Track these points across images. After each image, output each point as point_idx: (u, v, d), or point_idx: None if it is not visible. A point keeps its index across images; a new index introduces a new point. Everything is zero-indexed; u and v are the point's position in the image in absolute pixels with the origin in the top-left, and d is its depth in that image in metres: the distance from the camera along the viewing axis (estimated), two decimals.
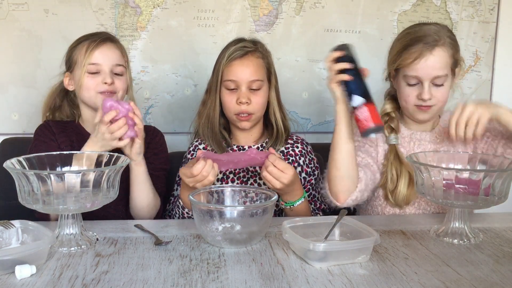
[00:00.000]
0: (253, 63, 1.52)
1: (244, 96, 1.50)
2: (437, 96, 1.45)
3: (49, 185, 1.09)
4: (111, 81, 1.52)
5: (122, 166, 1.19)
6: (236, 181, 1.55)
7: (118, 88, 1.55)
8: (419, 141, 1.54)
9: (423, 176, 1.25)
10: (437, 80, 1.43)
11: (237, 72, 1.50)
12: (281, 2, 2.14)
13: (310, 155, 1.61)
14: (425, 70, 1.42)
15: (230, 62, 1.51)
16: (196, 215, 1.18)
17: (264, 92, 1.55)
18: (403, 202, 1.50)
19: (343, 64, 1.35)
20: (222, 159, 1.34)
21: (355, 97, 1.33)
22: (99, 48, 1.52)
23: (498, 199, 1.21)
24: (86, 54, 1.51)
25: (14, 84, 2.07)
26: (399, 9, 2.21)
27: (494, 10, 2.26)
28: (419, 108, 1.47)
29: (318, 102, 2.24)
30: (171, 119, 2.16)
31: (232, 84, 1.51)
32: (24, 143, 1.85)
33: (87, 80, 1.52)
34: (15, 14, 2.02)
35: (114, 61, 1.54)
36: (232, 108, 1.52)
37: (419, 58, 1.42)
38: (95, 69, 1.52)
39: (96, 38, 1.54)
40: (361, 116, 1.32)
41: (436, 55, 1.42)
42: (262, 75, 1.53)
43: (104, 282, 0.98)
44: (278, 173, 1.32)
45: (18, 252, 1.03)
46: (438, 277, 1.03)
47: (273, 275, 1.02)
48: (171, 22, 2.10)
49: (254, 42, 1.56)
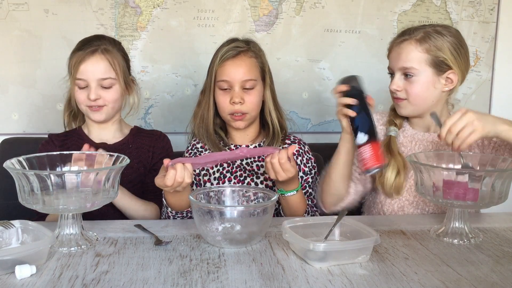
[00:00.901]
0: (246, 62, 1.52)
1: (237, 96, 1.50)
2: (406, 89, 1.47)
3: (49, 185, 1.09)
4: (94, 97, 1.53)
5: (122, 166, 1.19)
6: (233, 180, 1.55)
7: (106, 101, 1.55)
8: (420, 141, 1.54)
9: (423, 176, 1.25)
10: (406, 73, 1.46)
11: (230, 72, 1.51)
12: (281, 2, 2.14)
13: (307, 155, 1.61)
14: (393, 60, 1.50)
15: (223, 62, 1.52)
16: (196, 215, 1.18)
17: (258, 92, 1.55)
18: (393, 190, 1.50)
19: (348, 99, 1.35)
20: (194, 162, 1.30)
21: (359, 135, 1.32)
22: (85, 62, 1.52)
23: (498, 199, 1.21)
24: (74, 67, 1.53)
25: (14, 84, 2.07)
26: (399, 9, 2.21)
27: (494, 10, 2.26)
28: (394, 100, 1.53)
29: (318, 102, 2.24)
30: (171, 119, 2.16)
31: (225, 84, 1.52)
32: (24, 143, 1.86)
33: (77, 94, 1.55)
34: (15, 14, 2.02)
35: (100, 75, 1.53)
36: (226, 108, 1.52)
37: (391, 49, 1.52)
38: (83, 83, 1.54)
39: (86, 49, 1.53)
40: (364, 155, 1.31)
41: (403, 47, 1.47)
42: (256, 75, 1.54)
43: (104, 282, 0.98)
44: (288, 166, 1.33)
45: (18, 252, 1.02)
46: (438, 277, 1.03)
47: (273, 275, 1.02)
48: (171, 22, 2.10)
49: (247, 42, 1.57)
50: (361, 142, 1.32)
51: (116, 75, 1.56)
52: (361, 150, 1.32)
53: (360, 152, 1.33)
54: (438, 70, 1.46)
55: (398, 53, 1.48)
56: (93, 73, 1.53)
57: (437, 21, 2.18)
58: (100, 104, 1.54)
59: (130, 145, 1.63)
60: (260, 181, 1.55)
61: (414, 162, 1.27)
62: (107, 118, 1.59)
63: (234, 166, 1.56)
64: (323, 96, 2.24)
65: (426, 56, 1.44)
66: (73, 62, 1.54)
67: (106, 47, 1.56)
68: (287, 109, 2.19)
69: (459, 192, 1.20)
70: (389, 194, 1.51)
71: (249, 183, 1.55)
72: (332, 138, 2.19)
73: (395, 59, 1.48)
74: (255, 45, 1.58)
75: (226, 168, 1.56)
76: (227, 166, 1.56)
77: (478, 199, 1.20)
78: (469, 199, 1.20)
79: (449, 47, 1.44)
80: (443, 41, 1.45)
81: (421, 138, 1.54)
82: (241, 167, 1.56)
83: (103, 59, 1.54)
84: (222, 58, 1.51)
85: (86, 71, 1.52)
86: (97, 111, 1.56)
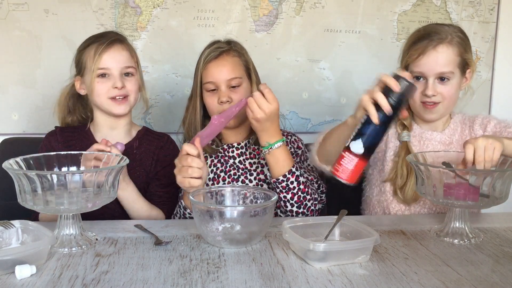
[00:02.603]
0: (229, 61, 1.54)
1: (224, 95, 1.51)
2: (443, 93, 1.47)
3: (50, 185, 1.09)
4: (121, 85, 1.50)
5: (123, 166, 1.19)
6: (228, 180, 1.56)
7: (129, 90, 1.54)
8: (429, 141, 1.55)
9: (423, 176, 1.25)
10: (442, 77, 1.45)
11: (214, 73, 1.52)
12: (281, 2, 2.14)
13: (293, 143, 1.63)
14: (428, 65, 1.45)
15: (206, 64, 1.54)
16: (196, 215, 1.18)
17: (245, 89, 1.56)
18: (412, 199, 1.51)
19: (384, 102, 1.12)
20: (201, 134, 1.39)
21: (358, 143, 1.14)
22: (107, 52, 1.50)
23: (498, 199, 1.21)
24: (95, 58, 1.49)
25: (14, 84, 2.07)
26: (399, 9, 2.21)
27: (494, 10, 2.26)
28: (425, 105, 1.49)
29: (318, 102, 2.24)
30: (171, 119, 2.16)
31: (211, 85, 1.53)
32: (24, 143, 1.86)
33: (98, 86, 1.51)
34: (15, 14, 2.02)
35: (124, 63, 1.52)
36: (215, 108, 1.53)
37: (422, 54, 1.46)
38: (105, 73, 1.51)
39: (104, 40, 1.51)
40: (345, 162, 1.15)
41: (440, 52, 1.45)
42: (240, 73, 1.55)
43: (104, 282, 0.98)
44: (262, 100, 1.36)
45: (18, 252, 1.02)
46: (438, 277, 1.03)
47: (273, 275, 1.02)
48: (171, 22, 2.10)
49: (228, 42, 1.59)
50: (354, 151, 1.14)
51: (135, 65, 1.56)
52: (346, 155, 1.15)
53: (344, 156, 1.15)
54: (462, 70, 1.49)
55: (435, 58, 1.45)
56: (118, 62, 1.51)
57: (437, 21, 2.18)
58: (124, 93, 1.52)
59: (135, 150, 1.60)
60: (254, 177, 1.56)
61: (414, 162, 1.27)
62: (128, 111, 1.57)
63: (227, 165, 1.58)
64: (323, 96, 2.24)
65: (459, 59, 1.47)
66: (90, 54, 1.50)
67: (120, 39, 1.56)
68: (287, 109, 2.20)
69: (460, 192, 1.20)
70: (407, 202, 1.52)
71: (243, 181, 1.55)
72: None
73: (431, 65, 1.45)
74: (236, 44, 1.60)
75: (220, 168, 1.57)
76: (220, 166, 1.58)
77: (478, 199, 1.20)
78: (469, 199, 1.20)
79: (469, 47, 1.50)
80: (466, 42, 1.49)
81: (429, 137, 1.56)
82: (234, 166, 1.57)
83: (124, 49, 1.54)
84: (205, 61, 1.54)
85: (110, 60, 1.50)
86: (122, 103, 1.53)
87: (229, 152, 1.59)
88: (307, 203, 1.45)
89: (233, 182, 1.55)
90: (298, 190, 1.44)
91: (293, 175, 1.44)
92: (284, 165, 1.44)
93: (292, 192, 1.44)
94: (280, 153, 1.43)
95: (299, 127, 2.22)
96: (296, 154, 1.62)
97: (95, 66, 1.49)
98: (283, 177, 1.43)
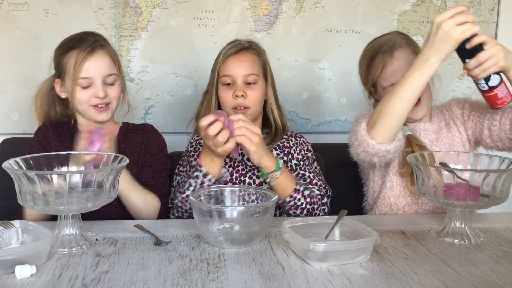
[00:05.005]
0: (248, 58, 1.57)
1: (239, 89, 1.53)
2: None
3: (51, 185, 1.09)
4: (103, 94, 1.48)
5: (123, 165, 1.19)
6: (235, 175, 1.57)
7: (112, 98, 1.52)
8: (424, 131, 1.59)
9: (423, 176, 1.25)
10: None
11: (232, 67, 1.55)
12: (281, 2, 2.14)
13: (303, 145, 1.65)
14: (395, 73, 1.51)
15: (226, 59, 1.56)
16: (196, 215, 1.18)
17: (260, 87, 1.58)
18: None
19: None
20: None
21: (493, 76, 1.33)
22: (89, 60, 1.46)
23: (499, 199, 1.21)
24: (76, 66, 1.45)
25: (14, 84, 2.07)
26: (399, 9, 2.21)
27: (494, 10, 2.26)
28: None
29: (318, 102, 2.24)
30: (171, 119, 2.16)
31: (228, 79, 1.55)
32: (24, 143, 1.85)
33: (79, 94, 1.48)
34: (15, 14, 2.02)
35: (105, 71, 1.49)
36: (229, 102, 1.55)
37: (384, 66, 1.53)
38: (86, 83, 1.47)
39: (85, 47, 1.47)
40: (501, 94, 1.35)
41: (397, 58, 1.53)
42: (257, 71, 1.57)
43: (104, 282, 0.98)
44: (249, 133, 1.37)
45: (18, 252, 1.02)
46: (438, 277, 1.03)
47: (273, 275, 1.02)
48: (171, 22, 2.10)
49: (249, 41, 1.62)
50: (496, 83, 1.34)
51: (117, 70, 1.54)
52: (496, 90, 1.35)
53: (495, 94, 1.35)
54: None
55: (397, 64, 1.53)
56: (99, 70, 1.48)
57: None
58: (107, 101, 1.51)
59: (122, 144, 1.58)
60: (258, 176, 1.56)
61: (414, 162, 1.27)
62: (111, 117, 1.56)
63: (236, 161, 1.59)
64: (323, 96, 2.24)
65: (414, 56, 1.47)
66: (71, 61, 1.47)
67: (101, 43, 1.52)
68: (287, 109, 2.19)
69: (460, 192, 1.20)
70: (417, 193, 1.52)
71: (250, 177, 1.57)
72: (332, 138, 2.19)
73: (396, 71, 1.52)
74: (257, 45, 1.63)
75: (228, 163, 1.58)
76: (229, 161, 1.58)
77: (478, 199, 1.20)
78: (470, 199, 1.20)
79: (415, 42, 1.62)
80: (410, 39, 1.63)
81: (423, 128, 1.59)
82: (242, 162, 1.59)
83: (105, 54, 1.50)
84: (225, 55, 1.56)
85: (92, 69, 1.47)
86: (104, 110, 1.51)
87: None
88: (316, 212, 1.49)
89: (240, 178, 1.56)
90: (306, 204, 1.47)
91: (299, 193, 1.46)
92: (289, 185, 1.45)
93: (301, 208, 1.46)
94: (284, 177, 1.44)
95: (299, 127, 2.22)
96: (306, 157, 1.63)
97: (75, 76, 1.46)
98: (289, 197, 1.45)
